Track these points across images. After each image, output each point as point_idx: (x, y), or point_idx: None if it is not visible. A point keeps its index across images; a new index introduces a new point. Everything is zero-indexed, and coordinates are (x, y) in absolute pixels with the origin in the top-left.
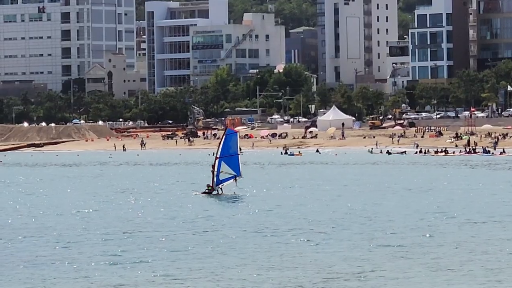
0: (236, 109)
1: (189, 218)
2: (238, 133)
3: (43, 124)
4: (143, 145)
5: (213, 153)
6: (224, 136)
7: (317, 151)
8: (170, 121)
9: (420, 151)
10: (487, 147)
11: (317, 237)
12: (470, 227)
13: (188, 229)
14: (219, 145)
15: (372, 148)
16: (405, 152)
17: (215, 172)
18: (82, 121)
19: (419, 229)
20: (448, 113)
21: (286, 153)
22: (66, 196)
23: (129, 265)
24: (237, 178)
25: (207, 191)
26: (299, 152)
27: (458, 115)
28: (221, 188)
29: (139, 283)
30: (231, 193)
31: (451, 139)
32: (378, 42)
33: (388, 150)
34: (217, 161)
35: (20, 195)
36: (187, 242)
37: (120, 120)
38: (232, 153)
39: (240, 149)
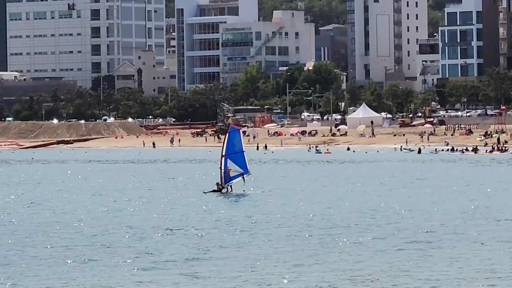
0: (265, 107)
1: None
2: (240, 129)
3: (73, 121)
4: (173, 141)
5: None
6: (227, 134)
7: (348, 149)
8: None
9: (452, 149)
10: None
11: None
12: None
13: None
14: (223, 143)
15: (401, 146)
16: (436, 150)
17: (222, 170)
18: (111, 118)
19: None
20: (479, 111)
21: (317, 151)
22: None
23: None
24: (245, 176)
25: (216, 189)
26: (327, 150)
27: (488, 113)
28: (230, 186)
29: None
30: (240, 191)
31: (481, 137)
32: (408, 39)
33: (419, 148)
34: (222, 159)
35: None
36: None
37: (150, 117)
38: (237, 150)
39: (266, 147)
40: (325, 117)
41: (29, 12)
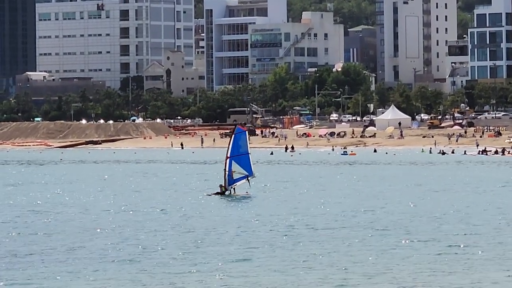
0: (294, 108)
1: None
2: (247, 131)
3: (101, 121)
4: (203, 142)
5: (271, 152)
6: (233, 135)
7: (375, 150)
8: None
9: (484, 151)
10: None
11: None
12: None
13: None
14: (229, 144)
15: (430, 148)
16: (465, 152)
17: (226, 172)
18: (140, 119)
19: None
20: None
21: (344, 153)
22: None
23: None
24: (249, 178)
25: (220, 191)
26: (352, 151)
27: None
28: (233, 188)
29: None
30: (243, 193)
31: (509, 139)
32: (437, 41)
33: (442, 150)
34: (227, 160)
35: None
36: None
37: (178, 117)
38: (243, 152)
39: (293, 148)
40: (353, 118)
41: (58, 12)
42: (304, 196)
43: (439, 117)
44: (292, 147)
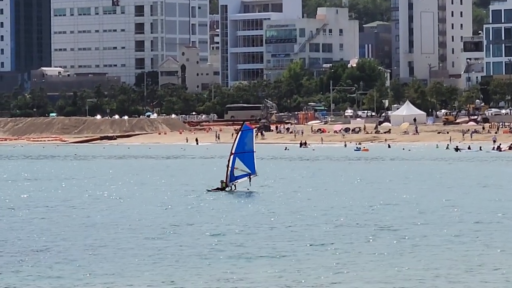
0: (309, 103)
1: None
2: (254, 129)
3: (116, 116)
4: (220, 137)
5: (286, 147)
6: (240, 132)
7: (389, 146)
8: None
9: (499, 148)
10: None
11: None
12: None
13: None
14: (234, 140)
15: (447, 145)
16: (480, 148)
17: (229, 168)
18: (155, 114)
19: None
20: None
21: (357, 148)
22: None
23: None
24: (251, 176)
25: (220, 187)
26: (364, 147)
27: None
28: (234, 185)
29: None
30: (244, 190)
31: None
32: (452, 37)
33: (456, 146)
34: (231, 157)
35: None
36: None
37: (193, 113)
38: (248, 149)
39: (306, 144)
40: (369, 114)
41: (73, 8)
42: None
43: (454, 113)
44: (305, 143)
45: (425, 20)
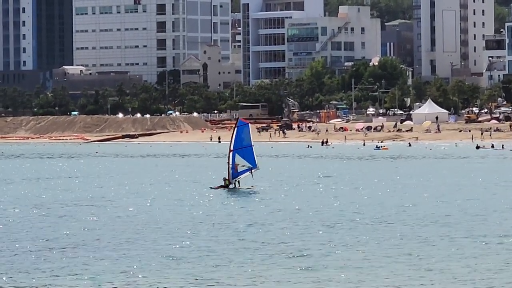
0: (331, 102)
1: None
2: (249, 124)
3: (138, 115)
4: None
5: (308, 145)
6: (235, 128)
7: (409, 145)
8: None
9: None
10: None
11: None
12: None
13: None
14: (232, 137)
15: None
16: (503, 146)
17: (230, 165)
18: (177, 113)
19: None
20: None
21: (377, 147)
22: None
23: None
24: (253, 170)
25: (224, 185)
26: (383, 146)
27: None
28: (238, 182)
29: None
30: (247, 186)
31: None
32: (474, 35)
33: (477, 145)
34: (230, 153)
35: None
36: None
37: (215, 111)
38: (246, 145)
39: (326, 142)
40: (390, 112)
41: (95, 6)
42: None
43: (476, 111)
44: (326, 141)
45: (447, 18)
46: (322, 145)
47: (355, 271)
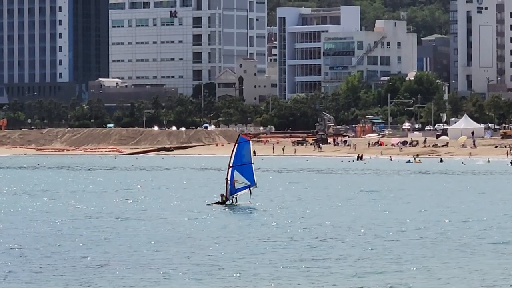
0: (367, 116)
1: None
2: (251, 141)
3: (173, 128)
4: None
5: (351, 160)
6: (236, 145)
7: (441, 160)
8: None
9: None
10: None
11: None
12: None
13: None
14: (232, 153)
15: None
16: None
17: (228, 181)
18: (212, 126)
19: None
20: None
21: (408, 161)
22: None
23: None
24: (251, 188)
25: (220, 201)
26: (419, 159)
27: None
28: (236, 198)
29: None
30: (245, 203)
31: None
32: (511, 50)
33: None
34: (229, 170)
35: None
36: None
37: (250, 125)
38: (245, 162)
39: (362, 157)
40: (426, 128)
41: (131, 19)
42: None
43: None
44: (362, 156)
45: (483, 34)
46: (358, 159)
47: None
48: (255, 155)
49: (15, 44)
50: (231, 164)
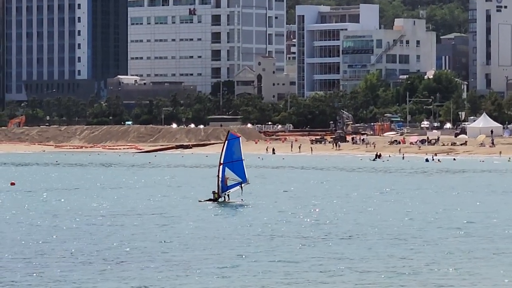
0: (385, 115)
1: None
2: (240, 137)
3: (192, 125)
4: (293, 147)
5: (373, 158)
6: (226, 142)
7: (454, 159)
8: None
9: None
10: None
11: None
12: None
13: None
14: (222, 150)
15: None
16: None
17: (220, 179)
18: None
19: None
20: None
21: (427, 160)
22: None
23: None
24: (243, 185)
25: (212, 198)
26: (438, 159)
27: None
28: (228, 195)
29: None
30: (237, 200)
31: None
32: None
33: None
34: (220, 167)
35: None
36: None
37: (269, 123)
38: (236, 158)
39: (380, 156)
40: (445, 126)
41: (150, 16)
42: None
43: None
44: (380, 155)
45: (502, 32)
46: (376, 158)
47: None
48: (274, 153)
49: (34, 41)
50: (221, 162)
